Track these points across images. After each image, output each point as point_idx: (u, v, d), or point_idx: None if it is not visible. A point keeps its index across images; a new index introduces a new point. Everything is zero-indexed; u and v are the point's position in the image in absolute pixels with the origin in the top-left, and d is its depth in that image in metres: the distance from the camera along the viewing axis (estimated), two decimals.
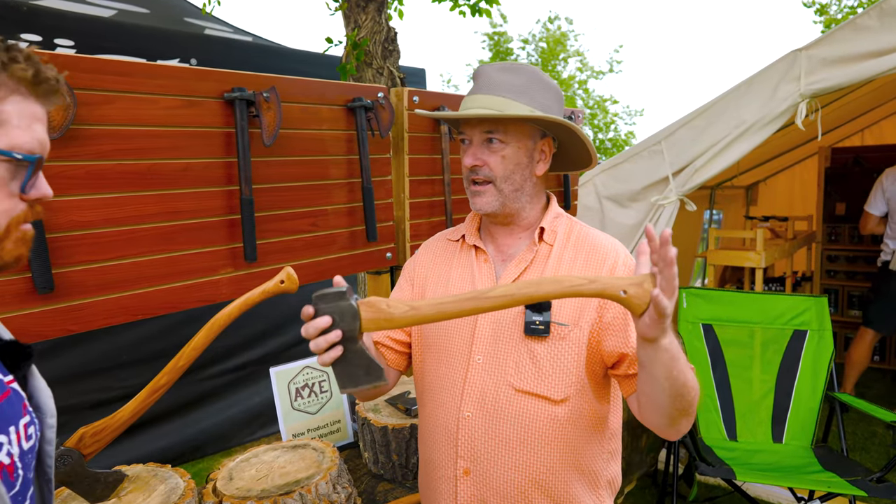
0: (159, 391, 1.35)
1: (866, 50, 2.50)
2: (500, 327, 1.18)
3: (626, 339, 1.14)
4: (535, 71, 1.21)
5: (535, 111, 1.15)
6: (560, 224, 1.26)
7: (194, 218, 1.65)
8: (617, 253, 1.21)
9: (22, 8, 2.69)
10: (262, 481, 1.49)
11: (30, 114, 0.70)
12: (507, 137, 1.17)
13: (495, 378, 1.16)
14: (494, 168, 1.17)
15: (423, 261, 1.36)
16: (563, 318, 1.16)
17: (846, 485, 2.09)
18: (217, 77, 1.66)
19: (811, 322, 2.67)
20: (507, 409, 1.15)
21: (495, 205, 1.19)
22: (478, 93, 1.18)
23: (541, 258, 1.22)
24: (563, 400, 1.15)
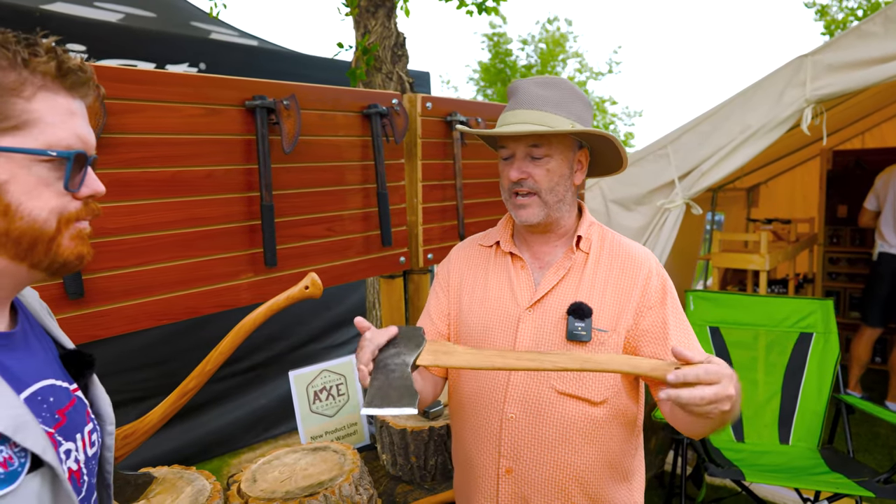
0: (188, 395, 1.38)
1: (871, 56, 2.53)
2: (541, 333, 1.22)
3: (661, 349, 1.19)
4: (570, 84, 1.25)
5: (575, 124, 1.20)
6: (594, 232, 1.30)
7: (215, 224, 1.67)
8: (650, 263, 1.26)
9: (35, 13, 2.71)
10: (286, 483, 1.51)
11: (63, 109, 0.69)
12: (552, 150, 1.20)
13: (538, 381, 1.20)
14: (539, 181, 1.20)
15: (458, 266, 1.38)
16: (602, 324, 1.20)
17: (854, 485, 2.12)
18: (238, 85, 1.68)
19: (817, 325, 2.70)
20: (549, 411, 1.19)
21: (540, 216, 1.22)
22: (518, 108, 1.21)
23: (578, 266, 1.26)
24: (602, 402, 1.20)
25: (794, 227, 4.52)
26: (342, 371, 1.95)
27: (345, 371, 1.96)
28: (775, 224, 4.51)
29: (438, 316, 1.37)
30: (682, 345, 1.20)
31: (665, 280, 1.26)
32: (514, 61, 16.17)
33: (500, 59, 16.01)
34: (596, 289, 1.23)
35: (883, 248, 3.98)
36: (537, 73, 16.27)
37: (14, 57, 0.65)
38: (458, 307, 1.34)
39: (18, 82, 0.65)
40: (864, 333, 4.01)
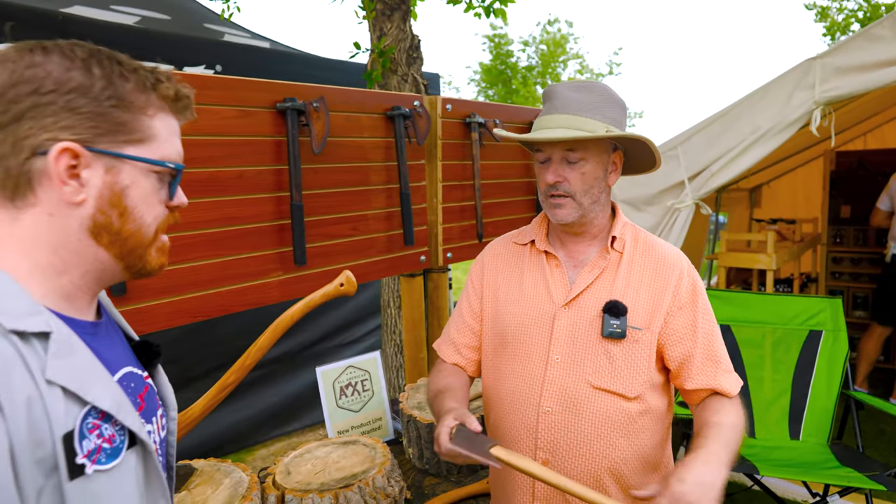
0: (227, 388, 1.42)
1: (880, 59, 2.58)
2: (577, 330, 1.26)
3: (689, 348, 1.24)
4: (605, 87, 1.27)
5: (610, 127, 1.23)
6: (627, 232, 1.33)
7: (247, 223, 1.72)
8: (682, 265, 1.29)
9: (58, 17, 2.75)
10: (320, 475, 1.55)
11: (173, 129, 0.78)
12: (587, 154, 1.24)
13: (574, 376, 1.24)
14: (574, 183, 1.24)
15: (492, 264, 1.42)
16: (637, 322, 1.24)
17: (865, 479, 2.17)
18: (270, 87, 1.73)
19: (826, 323, 2.75)
20: (585, 405, 1.23)
21: (575, 216, 1.26)
22: (554, 112, 1.24)
23: (612, 265, 1.29)
24: (636, 397, 1.24)
25: (799, 226, 4.58)
26: (367, 367, 2.00)
27: (369, 367, 2.00)
28: (780, 224, 4.56)
29: (470, 314, 1.42)
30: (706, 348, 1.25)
31: (695, 281, 1.29)
32: (514, 62, 16.23)
33: (501, 61, 16.07)
34: (630, 288, 1.26)
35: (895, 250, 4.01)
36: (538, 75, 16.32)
37: (145, 81, 0.73)
38: (494, 304, 1.37)
39: (147, 103, 0.73)
40: (874, 331, 4.06)
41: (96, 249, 0.72)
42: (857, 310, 4.89)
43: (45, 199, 0.69)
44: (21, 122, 0.67)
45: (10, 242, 0.69)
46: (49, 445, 0.63)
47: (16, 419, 0.60)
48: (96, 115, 0.69)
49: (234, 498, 1.41)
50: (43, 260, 0.70)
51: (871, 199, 4.55)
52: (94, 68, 0.69)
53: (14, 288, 0.66)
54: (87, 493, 0.66)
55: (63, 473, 0.64)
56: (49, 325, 0.67)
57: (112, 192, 0.71)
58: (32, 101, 0.66)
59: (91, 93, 0.68)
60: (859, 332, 4.80)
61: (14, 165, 0.67)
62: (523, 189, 2.69)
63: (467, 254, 2.42)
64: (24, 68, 0.67)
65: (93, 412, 0.68)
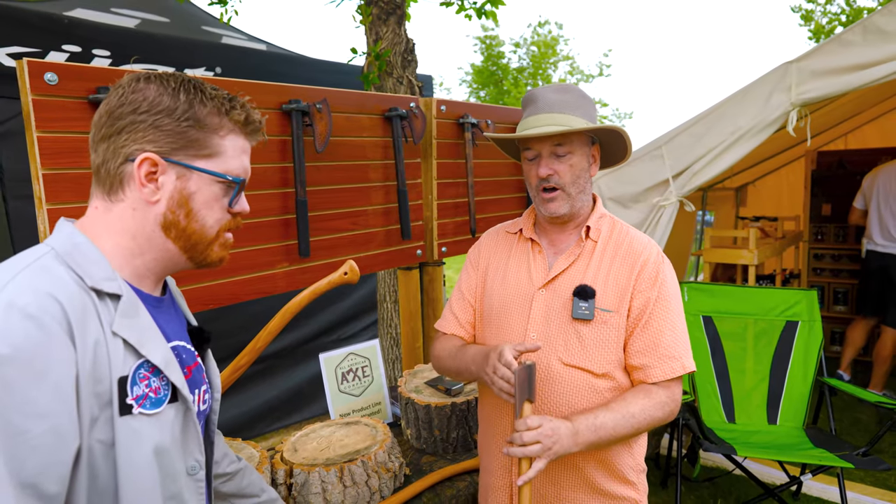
0: (241, 369, 1.53)
1: (851, 63, 2.72)
2: (550, 310, 1.37)
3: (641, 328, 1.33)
4: (579, 89, 1.40)
5: (589, 123, 1.35)
6: (604, 223, 1.43)
7: (255, 218, 1.82)
8: (648, 254, 1.37)
9: (63, 21, 2.84)
10: (325, 451, 1.66)
11: (240, 147, 0.93)
12: (573, 147, 1.35)
13: (546, 352, 1.34)
14: (563, 175, 1.35)
15: (486, 248, 1.54)
16: (607, 304, 1.34)
17: (836, 458, 2.31)
18: (276, 90, 1.84)
19: (802, 313, 2.89)
20: (556, 379, 1.34)
21: (566, 208, 1.37)
22: (539, 112, 1.36)
23: (586, 253, 1.40)
24: (604, 374, 1.33)
25: (781, 224, 4.73)
26: (367, 354, 2.11)
27: (369, 354, 2.11)
28: (763, 221, 4.72)
29: (469, 291, 1.53)
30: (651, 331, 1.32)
31: (660, 269, 1.36)
32: (506, 64, 16.38)
33: (493, 62, 16.22)
34: (601, 273, 1.36)
35: (869, 245, 4.21)
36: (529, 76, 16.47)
37: (221, 107, 0.88)
38: (484, 284, 1.50)
39: (219, 125, 0.89)
40: (859, 322, 4.25)
41: (165, 241, 0.88)
42: (838, 304, 5.05)
43: (130, 197, 0.85)
44: (121, 135, 0.84)
45: (102, 226, 0.86)
46: (107, 384, 0.78)
47: (84, 355, 0.75)
48: (175, 133, 0.85)
49: None
50: (123, 243, 0.86)
51: (851, 197, 4.72)
52: (181, 94, 0.85)
53: (99, 258, 0.83)
54: (131, 430, 0.80)
55: (115, 409, 0.79)
56: (121, 289, 0.83)
57: (181, 196, 0.87)
58: (131, 119, 0.83)
59: (174, 115, 0.84)
60: (841, 325, 4.98)
61: (113, 168, 0.85)
62: (514, 186, 2.81)
63: (461, 248, 2.54)
64: (130, 93, 0.84)
65: (145, 365, 0.83)
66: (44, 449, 0.71)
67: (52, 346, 0.72)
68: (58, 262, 0.80)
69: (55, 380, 0.72)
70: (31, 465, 0.70)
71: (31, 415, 0.70)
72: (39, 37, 2.72)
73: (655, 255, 1.38)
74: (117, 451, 0.79)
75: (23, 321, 0.71)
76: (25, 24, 2.68)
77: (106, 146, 0.85)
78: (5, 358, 0.69)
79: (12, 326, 0.70)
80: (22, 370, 0.70)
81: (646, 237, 1.43)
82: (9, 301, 0.72)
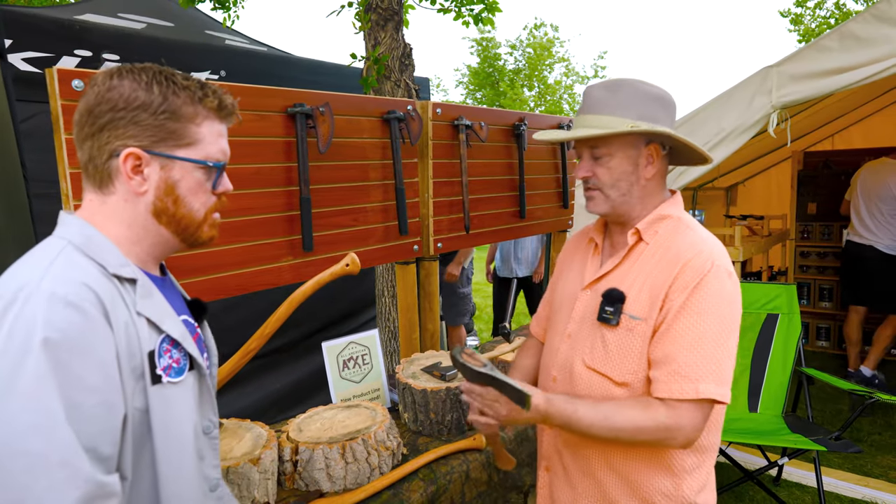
0: (250, 354, 1.66)
1: (828, 68, 2.86)
2: (587, 311, 1.34)
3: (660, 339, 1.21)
4: (635, 84, 1.29)
5: (638, 123, 1.25)
6: (664, 225, 1.31)
7: (262, 214, 1.95)
8: (694, 259, 1.22)
9: (74, 27, 2.95)
10: (328, 431, 1.79)
11: (217, 132, 1.00)
12: (611, 150, 1.29)
13: (575, 352, 1.34)
14: (601, 178, 1.30)
15: (566, 248, 1.58)
16: (637, 311, 1.25)
17: (810, 443, 2.44)
18: (282, 94, 1.96)
19: (782, 307, 3.03)
20: (578, 380, 1.33)
21: (604, 207, 1.33)
22: (584, 113, 1.32)
23: (634, 255, 1.32)
24: (624, 384, 1.26)
25: (767, 222, 4.88)
26: (366, 343, 2.23)
27: (369, 343, 2.24)
28: (749, 220, 4.86)
29: (550, 292, 1.60)
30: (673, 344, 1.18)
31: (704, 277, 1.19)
32: (502, 66, 16.53)
33: (489, 64, 16.37)
34: (640, 278, 1.27)
35: (848, 237, 4.42)
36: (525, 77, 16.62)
37: (193, 96, 0.95)
38: (556, 284, 1.55)
39: (195, 114, 0.95)
40: (850, 316, 4.44)
41: (158, 227, 0.97)
42: (823, 300, 5.20)
43: (121, 189, 0.93)
44: (103, 132, 0.90)
45: (101, 218, 0.95)
46: (139, 358, 0.89)
47: (119, 335, 0.86)
48: (154, 127, 0.92)
49: (255, 448, 1.64)
50: (121, 233, 0.95)
51: (836, 196, 4.88)
52: (154, 87, 0.91)
53: (111, 246, 0.92)
54: (162, 397, 0.92)
55: (147, 379, 0.90)
56: (136, 273, 0.93)
57: (167, 185, 0.95)
58: (110, 117, 0.90)
59: (150, 109, 0.91)
60: (826, 321, 5.12)
61: (100, 164, 0.92)
62: (507, 185, 2.94)
63: (455, 244, 2.67)
64: (106, 91, 0.90)
65: (166, 340, 0.95)
66: (97, 419, 0.81)
67: (93, 329, 0.82)
68: (79, 253, 0.87)
69: (100, 358, 0.82)
70: (89, 432, 0.80)
71: (84, 390, 0.80)
72: (52, 42, 2.84)
73: (703, 261, 1.21)
74: (151, 417, 0.90)
75: (66, 309, 0.79)
76: (39, 30, 2.79)
77: (91, 144, 0.90)
78: (56, 343, 0.78)
79: (58, 315, 0.79)
80: (72, 352, 0.79)
81: (703, 243, 1.26)
82: (51, 292, 0.80)
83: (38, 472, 0.75)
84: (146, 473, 0.91)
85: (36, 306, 0.79)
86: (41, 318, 0.78)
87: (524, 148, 2.91)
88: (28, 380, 0.76)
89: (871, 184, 4.29)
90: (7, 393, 0.76)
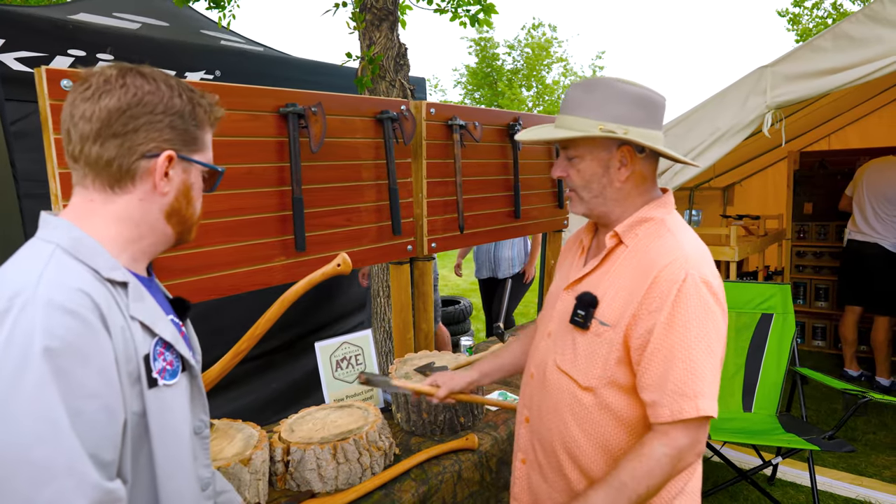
0: (240, 354, 1.65)
1: (822, 68, 2.86)
2: (565, 312, 1.35)
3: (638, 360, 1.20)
4: (613, 84, 1.26)
5: (607, 125, 1.23)
6: (645, 227, 1.28)
7: (254, 214, 1.94)
8: (667, 268, 1.18)
9: (68, 26, 2.95)
10: (320, 431, 1.79)
11: (210, 140, 1.04)
12: (580, 152, 1.28)
13: (550, 352, 1.37)
14: (574, 179, 1.31)
15: (563, 248, 1.59)
16: (607, 317, 1.24)
17: (804, 442, 2.44)
18: (274, 94, 1.96)
19: (776, 306, 3.03)
20: (549, 379, 1.35)
21: (581, 209, 1.34)
22: (562, 113, 1.31)
23: (612, 259, 1.30)
24: (589, 388, 1.26)
25: (763, 222, 4.88)
26: (360, 343, 2.23)
27: (362, 343, 2.24)
28: (745, 220, 4.86)
29: None
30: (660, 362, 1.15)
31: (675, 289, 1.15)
32: (500, 66, 16.54)
33: (487, 64, 16.38)
34: (615, 283, 1.25)
35: (850, 234, 4.40)
36: (523, 77, 16.63)
37: (206, 107, 1.00)
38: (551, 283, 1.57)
39: (206, 122, 1.00)
40: (846, 316, 4.42)
41: (165, 226, 0.99)
42: (819, 300, 5.20)
43: (140, 189, 0.94)
44: (138, 133, 0.92)
45: (100, 217, 0.94)
46: (135, 362, 0.89)
47: (116, 340, 0.86)
48: (184, 132, 0.96)
49: (246, 448, 1.64)
50: (126, 231, 0.95)
51: (832, 196, 4.88)
52: (184, 95, 0.96)
53: (101, 250, 0.92)
54: (159, 400, 0.92)
55: (144, 383, 0.90)
56: (127, 277, 0.93)
57: (185, 187, 0.98)
58: (147, 119, 0.92)
59: (184, 115, 0.95)
60: (822, 320, 5.13)
61: (125, 164, 0.92)
62: (501, 185, 2.94)
63: (450, 244, 2.67)
64: (145, 93, 0.92)
65: (159, 342, 0.94)
66: (99, 425, 0.81)
67: (93, 335, 0.82)
68: (69, 257, 0.86)
69: (100, 365, 0.82)
70: (91, 438, 0.80)
71: (85, 396, 0.79)
72: (46, 42, 2.83)
73: (676, 271, 1.17)
74: (149, 420, 0.90)
75: (64, 316, 0.79)
76: (32, 30, 2.79)
77: (120, 142, 0.90)
78: (57, 351, 0.77)
79: (56, 322, 0.78)
80: (72, 360, 0.78)
81: (679, 250, 1.21)
82: (48, 299, 0.79)
83: (42, 481, 0.75)
84: (144, 476, 0.91)
85: (34, 314, 0.78)
86: (40, 327, 0.77)
87: (519, 148, 2.91)
88: (30, 388, 0.75)
89: (877, 182, 4.27)
90: (8, 402, 0.75)
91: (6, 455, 0.74)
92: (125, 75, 0.92)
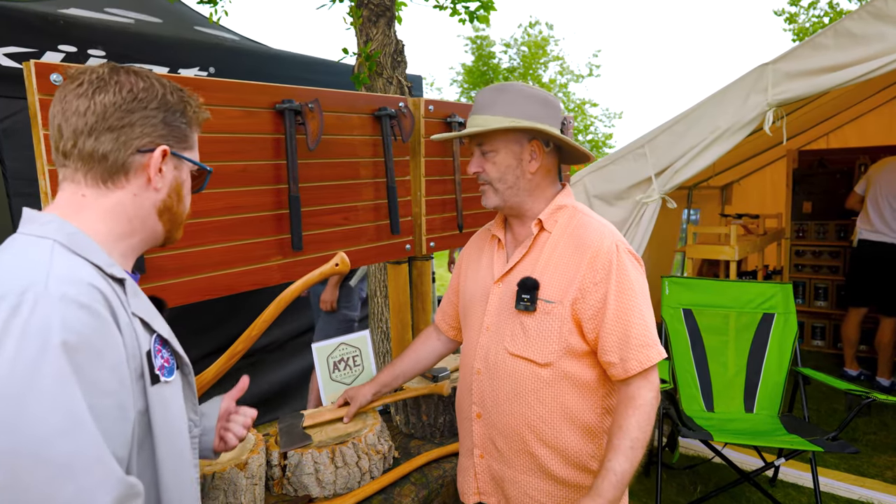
0: (237, 356, 1.61)
1: (823, 65, 2.84)
2: (502, 302, 1.43)
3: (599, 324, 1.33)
4: (520, 87, 1.41)
5: (515, 121, 1.36)
6: (562, 214, 1.45)
7: (250, 212, 1.90)
8: (601, 243, 1.35)
9: (59, 21, 2.90)
10: (318, 434, 1.75)
11: (197, 139, 1.04)
12: (495, 146, 1.41)
13: (496, 342, 1.43)
14: (489, 172, 1.43)
15: (468, 247, 1.65)
16: (550, 296, 1.36)
17: (806, 443, 2.41)
18: (270, 90, 1.91)
19: (778, 306, 3.00)
20: (503, 368, 1.41)
21: (495, 201, 1.45)
22: (473, 113, 1.44)
23: (539, 244, 1.43)
24: (547, 364, 1.36)
25: (762, 221, 4.86)
26: (357, 344, 2.19)
27: (360, 344, 2.20)
28: (745, 219, 4.84)
29: (452, 287, 1.66)
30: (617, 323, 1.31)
31: (614, 259, 1.33)
32: (496, 64, 16.50)
33: (484, 62, 16.33)
34: (550, 265, 1.38)
35: (863, 234, 4.32)
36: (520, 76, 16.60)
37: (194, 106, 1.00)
38: (461, 283, 1.61)
39: (193, 122, 1.00)
40: (850, 316, 4.38)
41: (156, 223, 0.98)
42: (818, 300, 5.19)
43: (133, 184, 0.93)
44: (134, 128, 0.91)
45: (93, 213, 0.92)
46: (138, 359, 0.88)
47: (124, 336, 0.85)
48: (177, 129, 0.96)
49: (242, 452, 1.60)
50: (118, 227, 0.94)
51: (831, 195, 4.86)
52: (175, 94, 0.96)
53: (95, 246, 0.89)
54: (160, 396, 0.91)
55: (147, 379, 0.88)
56: (123, 273, 0.91)
57: (177, 183, 0.99)
58: (142, 114, 0.92)
59: (177, 112, 0.96)
60: (821, 320, 5.11)
61: (119, 158, 0.91)
62: None
63: (449, 243, 2.62)
64: (140, 89, 0.92)
65: (157, 339, 0.93)
66: (112, 421, 0.80)
67: (106, 331, 0.80)
68: (70, 252, 0.84)
69: (113, 361, 0.81)
70: (107, 434, 0.78)
71: (100, 393, 0.78)
72: (36, 37, 2.78)
73: (608, 245, 1.36)
74: (151, 417, 0.89)
75: (80, 311, 0.77)
76: (23, 25, 2.73)
77: (115, 136, 0.90)
78: (74, 346, 0.75)
79: (73, 316, 0.77)
80: (88, 355, 0.77)
81: (603, 228, 1.41)
82: (62, 293, 0.77)
83: (64, 477, 0.72)
84: (146, 472, 0.90)
85: (49, 308, 0.75)
86: (57, 321, 0.75)
87: None
88: (49, 383, 0.73)
89: (893, 181, 4.21)
90: (25, 397, 0.72)
91: (24, 450, 0.71)
92: (118, 72, 0.92)
